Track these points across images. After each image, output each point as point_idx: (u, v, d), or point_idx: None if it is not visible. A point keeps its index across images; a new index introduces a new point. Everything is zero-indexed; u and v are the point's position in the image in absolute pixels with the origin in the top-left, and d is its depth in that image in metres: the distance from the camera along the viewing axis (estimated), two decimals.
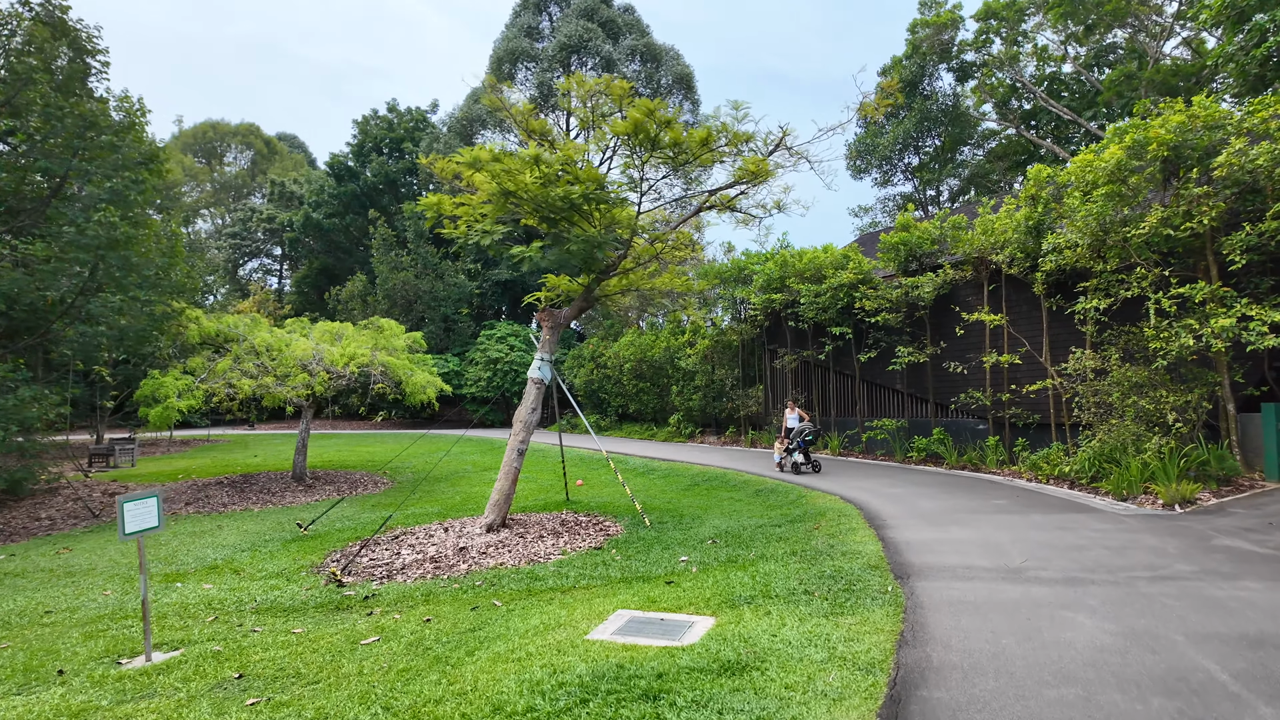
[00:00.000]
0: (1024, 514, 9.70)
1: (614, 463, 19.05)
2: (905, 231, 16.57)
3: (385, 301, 34.71)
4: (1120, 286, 11.63)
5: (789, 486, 13.52)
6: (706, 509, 12.37)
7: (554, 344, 12.09)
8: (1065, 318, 13.72)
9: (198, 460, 22.34)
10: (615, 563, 8.73)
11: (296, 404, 17.35)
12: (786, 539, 9.25)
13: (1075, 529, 8.51)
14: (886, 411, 18.32)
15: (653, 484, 15.81)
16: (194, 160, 55.70)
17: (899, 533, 8.63)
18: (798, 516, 10.76)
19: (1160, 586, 5.88)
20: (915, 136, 31.71)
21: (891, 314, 16.43)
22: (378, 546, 10.29)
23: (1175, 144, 10.63)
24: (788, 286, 19.23)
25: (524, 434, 11.49)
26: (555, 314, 12.09)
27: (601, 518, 11.99)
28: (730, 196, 13.63)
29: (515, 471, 11.27)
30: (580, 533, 10.72)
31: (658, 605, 6.23)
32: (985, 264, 15.13)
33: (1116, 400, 11.38)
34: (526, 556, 9.32)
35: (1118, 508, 10.07)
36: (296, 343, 15.03)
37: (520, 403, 11.73)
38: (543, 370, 11.80)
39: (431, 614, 7.01)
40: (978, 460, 14.95)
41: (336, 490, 16.46)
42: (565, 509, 12.96)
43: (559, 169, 10.97)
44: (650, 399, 25.89)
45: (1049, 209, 13.38)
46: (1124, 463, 10.88)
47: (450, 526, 11.42)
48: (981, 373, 15.44)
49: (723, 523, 10.93)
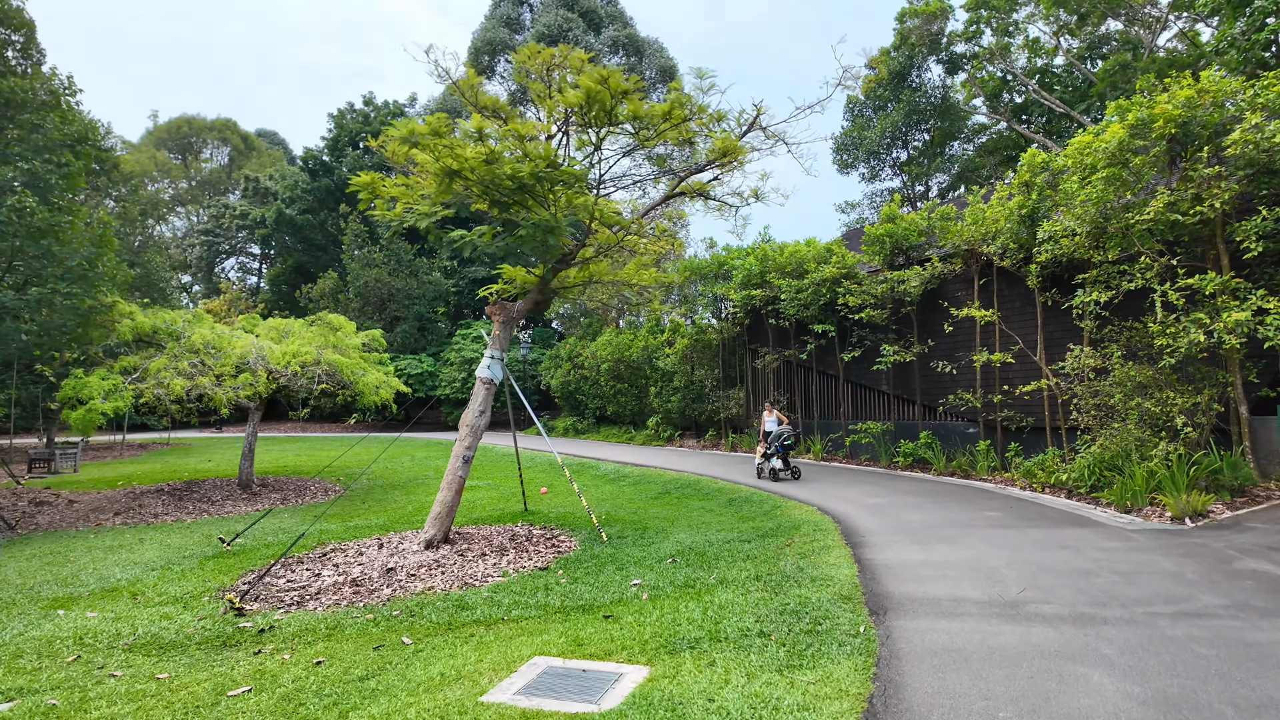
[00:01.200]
0: (1019, 529, 8.70)
1: (573, 469, 17.99)
2: (891, 223, 15.60)
3: (357, 300, 33.50)
4: (1122, 278, 10.67)
5: (765, 495, 12.51)
6: (674, 521, 11.33)
7: (506, 339, 11.03)
8: (1061, 313, 12.77)
9: (146, 465, 21.12)
10: (558, 587, 7.67)
11: (242, 405, 16.23)
12: (754, 558, 8.23)
13: (1078, 547, 7.51)
14: (871, 414, 17.34)
15: (621, 492, 14.76)
16: (167, 155, 54.23)
17: (879, 552, 7.61)
18: (770, 530, 9.74)
19: (1187, 627, 4.88)
20: (903, 130, 30.79)
21: (876, 310, 15.45)
22: (300, 566, 9.19)
23: (1184, 120, 9.67)
24: (768, 282, 18.23)
25: (470, 439, 10.42)
26: (507, 307, 11.03)
27: (558, 531, 10.93)
28: (703, 182, 12.64)
29: (460, 482, 10.19)
30: (529, 549, 9.66)
31: (585, 649, 5.18)
32: (976, 256, 14.17)
33: (1119, 402, 10.42)
34: (461, 579, 8.24)
35: (1122, 521, 9.10)
36: (237, 340, 13.89)
37: (468, 405, 10.66)
38: (492, 369, 10.74)
39: (328, 653, 5.94)
40: (968, 466, 13.98)
41: (283, 499, 15.32)
42: (521, 520, 11.90)
43: (508, 146, 9.94)
44: (628, 401, 24.84)
45: (1044, 196, 12.42)
46: (1127, 471, 9.91)
47: (387, 542, 10.33)
48: (971, 372, 14.48)
49: (688, 537, 9.89)
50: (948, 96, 30.31)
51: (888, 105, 30.59)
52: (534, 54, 10.51)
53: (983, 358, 13.48)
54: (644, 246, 14.07)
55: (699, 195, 12.47)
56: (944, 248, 14.86)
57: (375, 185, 9.94)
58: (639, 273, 12.31)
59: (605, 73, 8.86)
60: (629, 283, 12.14)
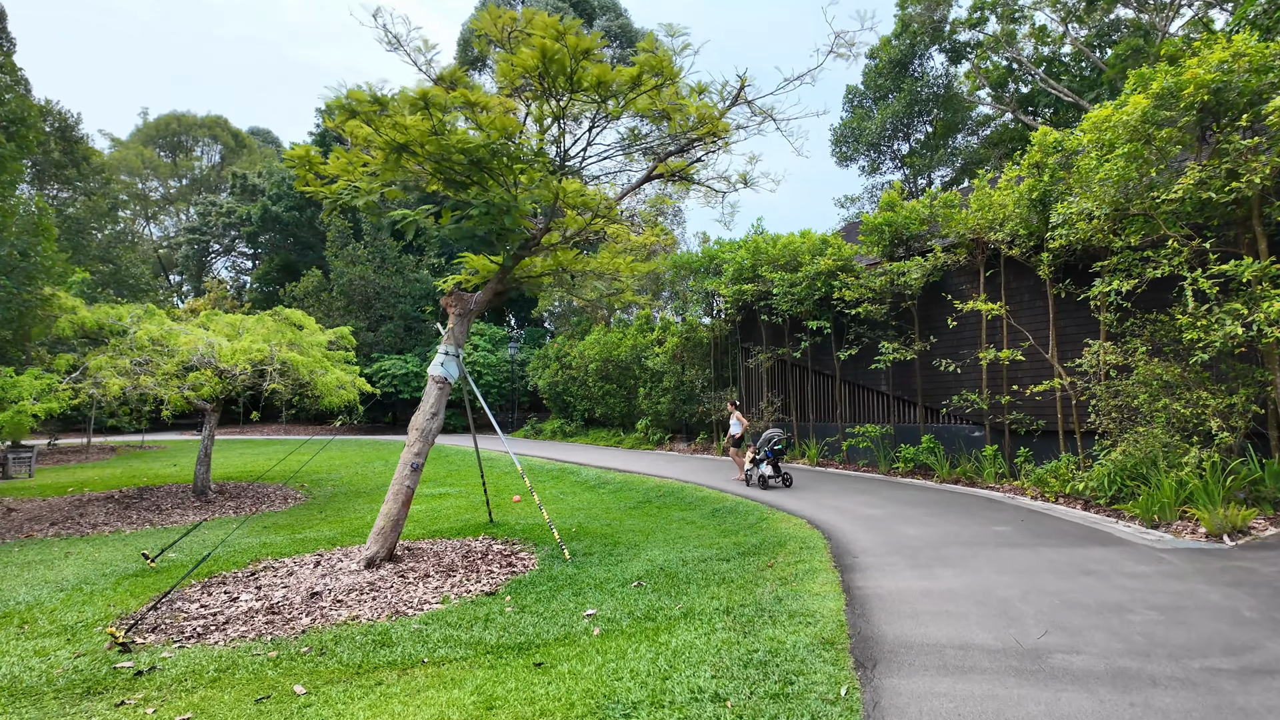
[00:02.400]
0: (1034, 548, 7.63)
1: (553, 475, 16.92)
2: (890, 211, 14.53)
3: (342, 299, 32.48)
4: (1146, 265, 9.59)
5: (752, 505, 11.45)
6: (650, 534, 10.27)
7: (463, 334, 9.98)
8: (1075, 307, 11.69)
9: (108, 470, 20.09)
10: (500, 619, 6.61)
11: (198, 406, 15.21)
12: (729, 582, 7.17)
13: (1105, 573, 6.43)
14: (870, 416, 16.26)
15: (599, 501, 13.70)
16: (155, 152, 53.25)
17: (871, 578, 6.54)
18: (752, 548, 8.67)
19: (1263, 692, 3.80)
20: (905, 122, 29.68)
21: (875, 305, 14.37)
22: (219, 588, 8.14)
23: (1217, 86, 8.59)
24: (761, 276, 17.16)
25: (421, 444, 9.37)
26: (464, 298, 9.99)
27: (519, 547, 9.87)
28: (684, 163, 11.60)
29: (408, 493, 9.15)
30: (482, 569, 8.60)
31: (495, 715, 4.12)
32: (982, 246, 13.09)
33: (1143, 403, 9.33)
34: (394, 606, 7.19)
35: (1149, 538, 8.02)
36: (184, 337, 12.86)
37: (419, 406, 9.62)
38: (446, 366, 9.69)
39: (202, 706, 4.90)
40: (973, 473, 12.90)
41: (237, 507, 14.29)
42: (484, 533, 10.85)
43: (461, 116, 8.91)
44: (617, 402, 23.77)
45: (1057, 179, 11.35)
46: (1154, 480, 8.83)
47: (325, 559, 9.29)
48: (977, 371, 13.40)
49: (662, 554, 8.83)
50: (951, 86, 29.20)
51: (888, 95, 29.48)
52: (495, 18, 9.47)
53: (990, 355, 12.40)
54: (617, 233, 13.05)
55: (680, 178, 11.43)
56: (947, 237, 13.79)
57: (311, 160, 8.90)
58: (613, 261, 11.25)
59: (562, 27, 7.82)
60: (601, 273, 11.08)
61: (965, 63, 28.61)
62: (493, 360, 30.43)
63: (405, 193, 9.63)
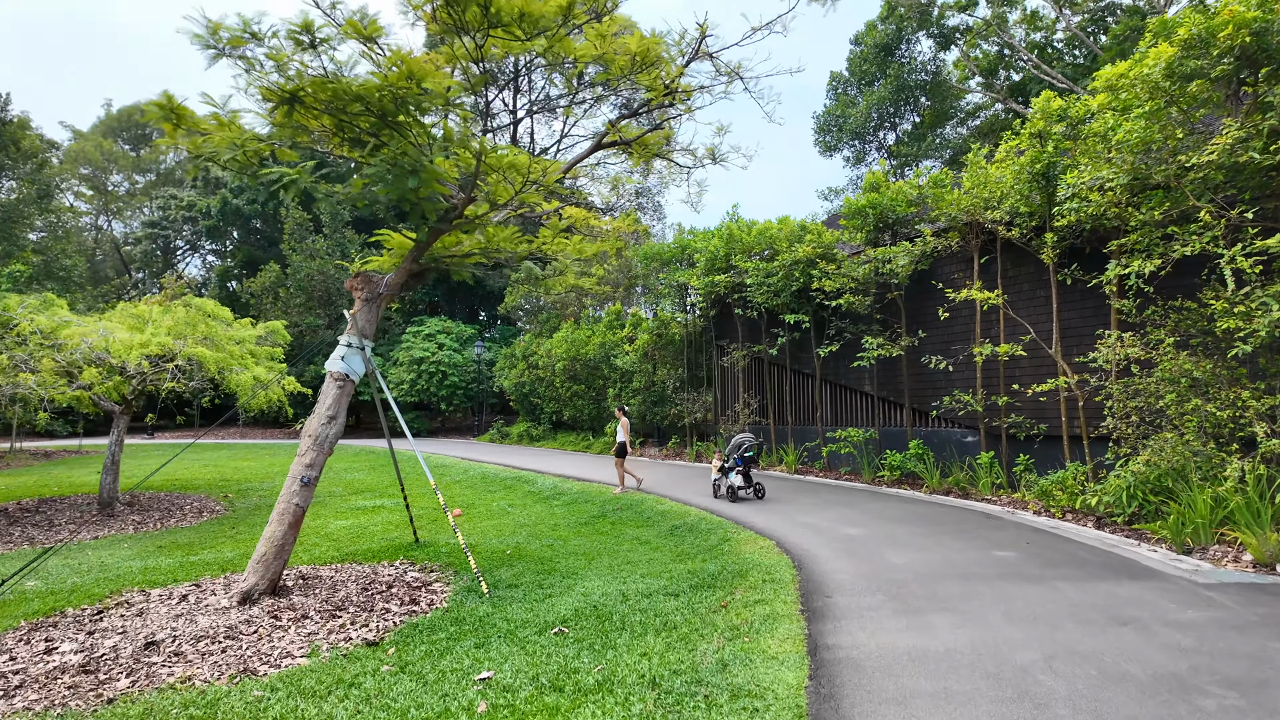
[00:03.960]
0: (1048, 582, 6.20)
1: (507, 483, 15.39)
2: (875, 193, 13.14)
3: (300, 294, 30.76)
4: (1171, 243, 8.21)
5: (716, 522, 9.99)
6: (595, 558, 8.79)
7: (370, 322, 8.45)
8: (1082, 295, 10.34)
9: (19, 479, 18.33)
10: (368, 683, 5.10)
11: (106, 407, 13.59)
12: (671, 629, 5.69)
13: (1145, 621, 5.01)
14: (853, 419, 14.85)
15: (549, 515, 12.19)
16: (114, 144, 51.11)
17: (846, 630, 5.08)
18: (708, 578, 7.21)
19: None
20: (891, 110, 28.36)
21: (857, 296, 12.98)
22: (38, 633, 6.55)
23: (1260, 27, 7.22)
24: (735, 266, 15.73)
25: (313, 454, 7.83)
26: (372, 280, 8.46)
27: (437, 575, 8.35)
28: (639, 132, 10.17)
29: (296, 513, 7.61)
30: (378, 606, 7.08)
31: None
32: (976, 229, 11.72)
33: (1169, 404, 7.95)
34: (245, 661, 5.65)
35: (1183, 567, 6.63)
36: (72, 329, 11.24)
37: (314, 408, 8.08)
38: (348, 361, 8.16)
39: None
40: (967, 483, 11.51)
41: (141, 522, 12.67)
42: (403, 557, 9.33)
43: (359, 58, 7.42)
44: (585, 404, 22.25)
45: (1062, 150, 9.99)
46: (1184, 497, 7.44)
47: (199, 591, 7.73)
48: (971, 369, 12.02)
49: (602, 586, 7.35)
50: (940, 72, 27.91)
51: (874, 82, 28.13)
52: None
53: (986, 350, 11.01)
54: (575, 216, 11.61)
55: (632, 146, 9.98)
56: (938, 221, 12.42)
57: (179, 111, 7.34)
58: (556, 241, 9.77)
59: None
60: (543, 255, 9.59)
61: (955, 49, 27.35)
62: (459, 360, 28.82)
63: (265, 144, 8.07)
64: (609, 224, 14.39)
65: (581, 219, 11.83)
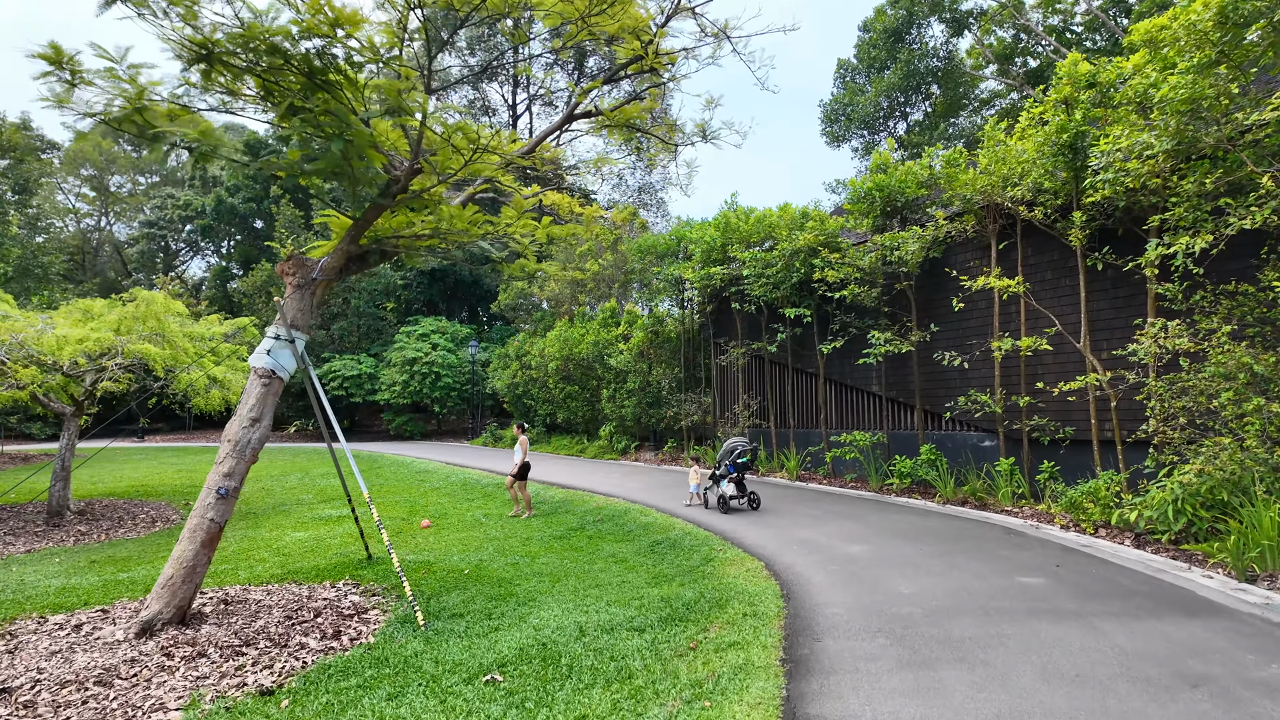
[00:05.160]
0: (1088, 620, 5.10)
1: (488, 491, 14.36)
2: (882, 174, 12.03)
3: None
4: (1225, 218, 7.07)
5: (703, 537, 8.93)
6: (561, 579, 7.74)
7: (303, 312, 7.45)
8: (1114, 282, 9.21)
9: None
10: None
11: (56, 409, 12.69)
12: (624, 679, 4.64)
13: (1214, 679, 3.91)
14: (859, 421, 13.72)
15: (524, 526, 11.16)
16: (115, 145, 50.62)
17: (836, 687, 4.00)
18: (682, 608, 6.14)
19: None
20: (901, 99, 27.16)
21: (863, 287, 11.88)
22: None
23: None
24: (733, 257, 14.66)
25: (233, 461, 6.85)
26: (305, 264, 7.46)
27: (375, 602, 7.33)
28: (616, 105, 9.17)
29: (211, 529, 6.62)
30: (294, 640, 6.06)
31: None
32: (994, 212, 10.60)
33: (1226, 404, 6.80)
34: (105, 716, 4.65)
35: (1251, 600, 5.50)
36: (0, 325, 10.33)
37: (236, 410, 7.10)
38: (276, 355, 7.16)
39: None
40: (984, 492, 10.38)
41: (85, 532, 11.76)
42: (348, 576, 8.32)
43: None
44: (579, 406, 21.20)
45: (1091, 119, 8.87)
46: (1245, 514, 6.30)
47: (102, 619, 6.75)
48: (988, 366, 10.90)
49: (559, 617, 6.30)
50: (953, 58, 26.67)
51: (884, 69, 26.92)
52: None
53: (1006, 345, 9.88)
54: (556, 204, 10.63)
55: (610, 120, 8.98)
56: (951, 204, 11.30)
57: (67, 62, 6.36)
58: (521, 222, 8.74)
59: None
60: (503, 237, 8.56)
61: (968, 34, 26.13)
62: (453, 360, 27.86)
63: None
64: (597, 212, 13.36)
65: (566, 206, 10.84)
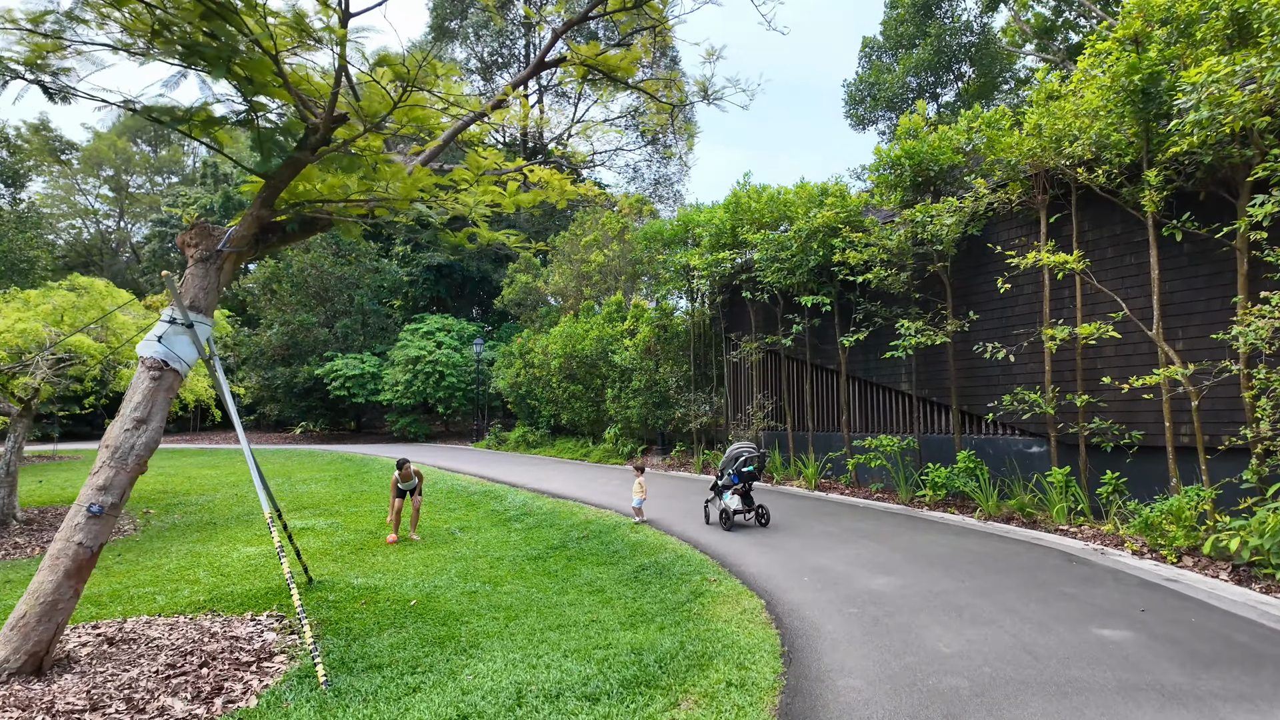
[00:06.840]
0: (1204, 702, 3.62)
1: (477, 497, 13.07)
2: (914, 139, 10.52)
3: (297, 291, 29.05)
4: None
5: (699, 561, 7.52)
6: (521, 615, 6.40)
7: (210, 290, 6.19)
8: (1193, 258, 7.66)
9: None
10: None
11: (1, 409, 11.67)
12: None
13: None
14: (886, 424, 12.19)
15: (499, 543, 9.83)
16: (131, 145, 50.55)
17: None
18: (654, 665, 4.75)
19: None
20: (931, 79, 25.41)
21: (890, 270, 10.38)
22: None
23: None
24: (745, 241, 13.21)
25: (111, 472, 5.59)
26: (209, 234, 6.21)
27: (291, 641, 6.03)
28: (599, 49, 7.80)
29: (80, 555, 5.37)
30: (154, 705, 4.77)
31: None
32: (1044, 179, 9.05)
33: None
34: None
35: None
36: None
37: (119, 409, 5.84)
38: (170, 342, 5.90)
39: None
40: (1033, 507, 8.83)
41: (29, 543, 10.71)
42: (276, 605, 7.05)
43: None
44: (583, 406, 19.86)
45: (1169, 58, 7.31)
46: None
47: None
48: (1038, 359, 9.35)
49: (500, 672, 4.94)
50: (986, 33, 24.86)
51: (912, 46, 25.18)
52: None
53: (1063, 334, 8.32)
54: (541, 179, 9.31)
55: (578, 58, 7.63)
56: (992, 175, 9.77)
57: None
58: (483, 190, 7.41)
59: None
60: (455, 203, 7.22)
61: (1004, 8, 24.31)
62: (458, 359, 26.71)
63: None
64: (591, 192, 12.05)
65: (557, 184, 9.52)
